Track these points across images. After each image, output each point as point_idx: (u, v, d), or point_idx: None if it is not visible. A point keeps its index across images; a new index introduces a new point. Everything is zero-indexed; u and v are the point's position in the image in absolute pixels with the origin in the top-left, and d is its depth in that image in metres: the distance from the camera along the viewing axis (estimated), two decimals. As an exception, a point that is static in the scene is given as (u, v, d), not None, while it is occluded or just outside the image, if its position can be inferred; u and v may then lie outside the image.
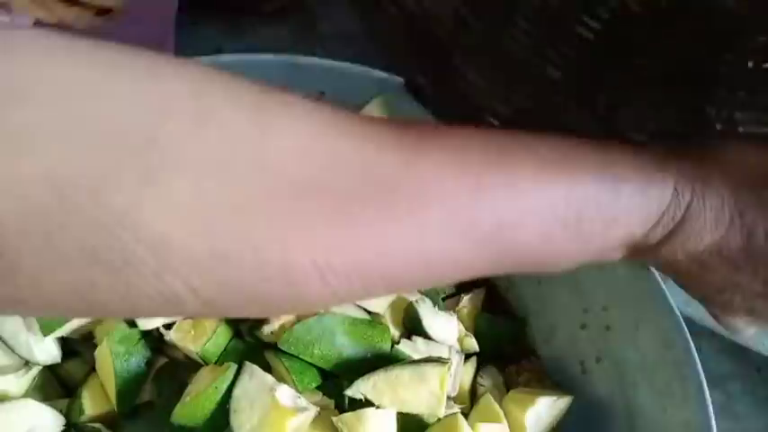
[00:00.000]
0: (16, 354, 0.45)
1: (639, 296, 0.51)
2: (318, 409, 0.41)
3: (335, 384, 0.45)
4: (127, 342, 0.44)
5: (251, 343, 0.46)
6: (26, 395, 0.44)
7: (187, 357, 0.46)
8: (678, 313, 0.49)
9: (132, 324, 0.45)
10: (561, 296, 0.55)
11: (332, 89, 0.57)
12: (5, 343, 0.45)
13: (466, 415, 0.49)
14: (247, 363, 0.41)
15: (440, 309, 0.53)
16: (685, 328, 0.48)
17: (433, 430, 0.43)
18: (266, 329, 0.45)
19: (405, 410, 0.42)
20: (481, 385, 0.51)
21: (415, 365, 0.43)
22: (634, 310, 0.51)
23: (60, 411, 0.44)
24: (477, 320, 0.55)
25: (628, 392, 0.50)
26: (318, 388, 0.45)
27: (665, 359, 0.48)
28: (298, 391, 0.42)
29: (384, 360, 0.45)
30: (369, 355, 0.45)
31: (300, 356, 0.44)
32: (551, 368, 0.55)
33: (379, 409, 0.41)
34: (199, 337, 0.44)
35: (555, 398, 0.49)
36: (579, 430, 0.52)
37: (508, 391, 0.52)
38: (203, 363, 0.44)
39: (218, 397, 0.40)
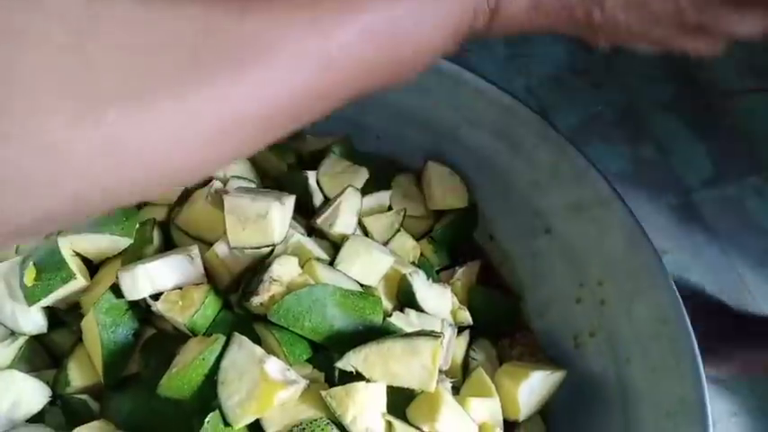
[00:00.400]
0: (2, 324, 0.44)
1: (636, 270, 0.50)
2: (308, 382, 0.40)
3: (326, 357, 0.44)
4: (114, 313, 0.44)
5: (240, 315, 0.45)
6: (12, 366, 0.44)
7: (175, 329, 0.45)
8: (674, 288, 0.48)
9: (119, 294, 0.44)
10: (557, 270, 0.54)
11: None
12: (-10, 313, 0.44)
13: (457, 389, 0.49)
14: (236, 334, 0.41)
15: (434, 281, 0.52)
16: (681, 304, 0.48)
17: (417, 402, 0.42)
18: (255, 300, 0.44)
19: (396, 384, 0.41)
20: (474, 359, 0.50)
21: (407, 338, 0.42)
22: (630, 285, 0.50)
23: (47, 383, 0.43)
24: (471, 293, 0.54)
25: (621, 367, 0.50)
26: (309, 361, 0.44)
27: (661, 334, 0.48)
28: (288, 363, 0.41)
29: (376, 333, 0.44)
30: (360, 328, 0.45)
31: (290, 328, 0.43)
32: (545, 342, 0.55)
33: (369, 383, 0.40)
34: (186, 309, 0.43)
35: (548, 372, 0.48)
36: (572, 405, 0.52)
37: (501, 364, 0.51)
38: (191, 334, 0.43)
39: (206, 369, 0.40)
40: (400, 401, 0.42)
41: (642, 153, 0.84)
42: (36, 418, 0.42)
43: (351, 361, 0.42)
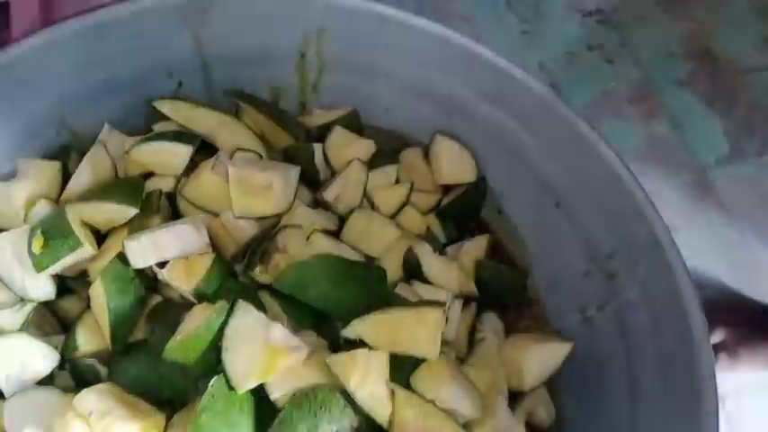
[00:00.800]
0: (11, 290, 0.45)
1: (646, 245, 0.49)
2: (311, 348, 0.40)
3: (330, 326, 0.44)
4: (120, 280, 0.44)
5: (245, 283, 0.46)
6: (21, 330, 0.44)
7: (181, 297, 0.45)
8: (685, 264, 0.47)
9: (126, 263, 0.44)
10: (565, 244, 0.54)
11: (335, 26, 0.55)
12: (2, 280, 0.45)
13: (463, 360, 0.48)
14: (241, 300, 0.41)
15: (440, 254, 0.52)
16: (692, 280, 0.47)
17: (421, 370, 0.42)
18: (260, 270, 0.44)
19: (400, 352, 0.41)
20: (480, 331, 0.50)
21: (412, 307, 0.42)
22: (640, 260, 0.49)
23: (56, 347, 0.44)
24: (478, 267, 0.54)
25: (629, 342, 0.49)
26: (313, 329, 0.44)
27: (671, 310, 0.47)
28: (292, 331, 0.41)
29: (381, 303, 0.44)
30: (365, 298, 0.44)
31: (295, 296, 0.43)
32: (552, 316, 0.54)
33: (371, 351, 0.40)
34: (192, 277, 0.43)
35: (554, 344, 0.48)
36: (579, 379, 0.51)
37: (507, 337, 0.51)
38: (196, 302, 0.43)
39: (211, 334, 0.40)
40: (404, 369, 0.42)
41: (657, 130, 0.83)
42: (45, 382, 0.43)
43: (356, 329, 0.42)
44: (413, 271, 0.50)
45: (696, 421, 0.44)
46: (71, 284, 0.47)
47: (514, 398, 0.48)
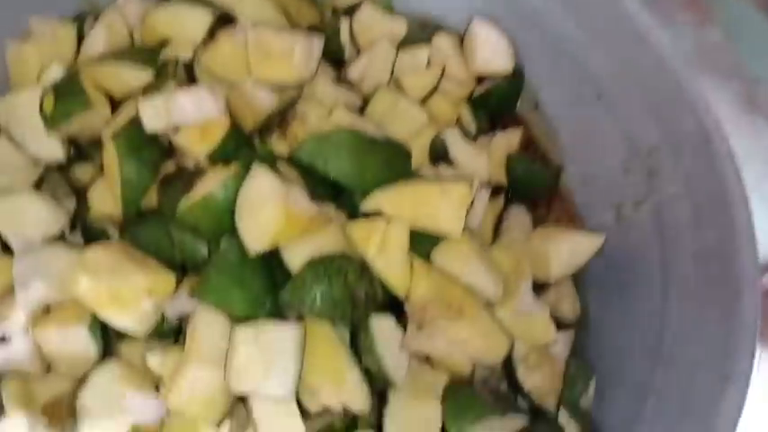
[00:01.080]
0: (23, 152, 0.44)
1: (694, 141, 0.45)
2: (329, 214, 0.38)
3: (350, 201, 0.42)
4: (133, 144, 0.42)
5: (263, 154, 0.43)
6: (33, 190, 0.43)
7: (196, 166, 0.43)
8: (736, 165, 0.44)
9: (139, 127, 0.42)
10: (606, 138, 0.50)
11: None
12: (14, 140, 0.44)
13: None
14: (257, 163, 0.38)
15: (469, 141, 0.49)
16: (743, 182, 0.43)
17: (443, 246, 0.39)
18: (278, 137, 0.42)
19: (421, 226, 0.39)
20: (506, 220, 0.47)
21: (437, 181, 0.40)
22: (685, 156, 0.46)
23: (68, 212, 0.43)
24: (510, 160, 0.50)
25: (666, 245, 0.46)
26: (331, 202, 0.42)
27: (714, 203, 0.44)
28: (309, 199, 0.39)
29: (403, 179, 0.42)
30: (387, 174, 0.42)
31: (314, 167, 0.41)
32: (585, 213, 0.51)
33: (391, 222, 0.38)
34: (207, 142, 0.41)
35: (585, 236, 0.45)
36: (608, 279, 0.48)
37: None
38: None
39: (226, 197, 0.38)
40: (425, 245, 0.40)
41: (709, 37, 0.78)
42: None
43: (376, 200, 0.39)
44: (439, 155, 0.47)
45: (733, 321, 0.41)
46: (85, 150, 0.46)
47: (538, 291, 0.45)
